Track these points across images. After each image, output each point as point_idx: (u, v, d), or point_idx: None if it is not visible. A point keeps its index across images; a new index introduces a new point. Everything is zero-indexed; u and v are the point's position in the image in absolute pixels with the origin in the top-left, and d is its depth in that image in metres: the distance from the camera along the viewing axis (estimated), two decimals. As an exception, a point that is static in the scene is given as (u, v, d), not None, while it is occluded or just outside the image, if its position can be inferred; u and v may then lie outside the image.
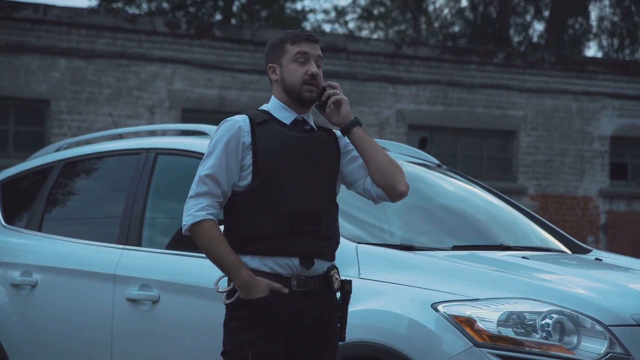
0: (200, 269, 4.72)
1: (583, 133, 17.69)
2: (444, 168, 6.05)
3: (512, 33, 29.66)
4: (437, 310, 4.11)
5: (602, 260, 5.17)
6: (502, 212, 5.73)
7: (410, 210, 5.26)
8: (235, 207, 3.72)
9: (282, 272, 3.69)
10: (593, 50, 38.27)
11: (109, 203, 5.62)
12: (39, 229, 5.79)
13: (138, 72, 14.83)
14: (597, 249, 5.75)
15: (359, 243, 4.58)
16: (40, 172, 6.05)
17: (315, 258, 3.73)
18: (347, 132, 3.84)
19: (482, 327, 4.01)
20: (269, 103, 3.88)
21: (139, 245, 5.20)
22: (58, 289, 5.42)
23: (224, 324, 3.74)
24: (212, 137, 3.80)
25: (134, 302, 5.00)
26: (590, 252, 5.52)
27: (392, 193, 3.85)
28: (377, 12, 32.73)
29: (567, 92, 17.61)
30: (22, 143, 14.21)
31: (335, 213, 3.84)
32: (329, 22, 32.44)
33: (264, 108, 3.86)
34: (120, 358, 5.07)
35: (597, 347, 3.99)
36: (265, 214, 3.67)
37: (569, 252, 5.46)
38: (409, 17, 30.74)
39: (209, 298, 4.54)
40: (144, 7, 26.10)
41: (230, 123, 3.77)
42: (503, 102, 17.23)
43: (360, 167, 3.88)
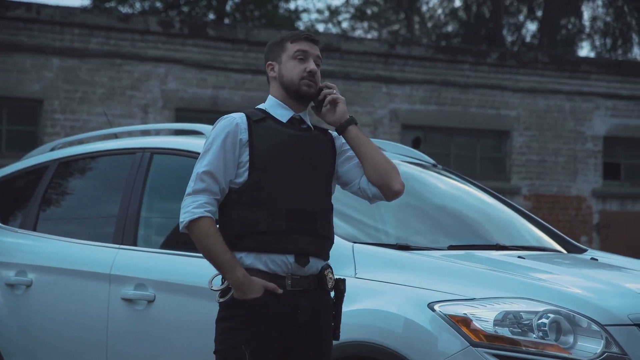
0: (196, 269, 4.72)
1: (576, 133, 17.71)
2: (440, 168, 6.05)
3: (505, 33, 29.69)
4: (433, 310, 4.11)
5: (597, 260, 5.17)
6: (497, 211, 5.73)
7: (406, 210, 5.26)
8: (231, 203, 3.71)
9: (277, 270, 3.69)
10: (586, 50, 38.31)
11: (105, 203, 5.61)
12: (34, 229, 5.77)
13: (131, 71, 14.81)
14: (591, 249, 5.76)
15: (355, 243, 4.58)
16: (35, 171, 6.04)
17: (311, 256, 3.74)
18: (342, 130, 3.84)
19: (478, 326, 4.01)
20: (266, 102, 3.88)
21: (135, 245, 5.19)
22: (53, 289, 5.41)
23: (216, 322, 3.73)
24: (208, 135, 3.80)
25: (130, 301, 5.00)
26: (586, 251, 5.53)
27: (387, 192, 3.85)
28: (370, 12, 32.73)
29: (560, 92, 17.63)
30: (15, 142, 14.18)
31: (331, 212, 3.85)
32: (323, 21, 32.43)
33: (261, 107, 3.87)
34: (116, 358, 5.06)
35: (593, 346, 3.99)
36: (261, 211, 3.67)
37: (565, 251, 5.47)
38: (402, 17, 30.74)
39: (205, 298, 4.53)
40: (137, 6, 26.06)
41: (228, 120, 3.77)
42: (496, 102, 17.24)
43: (356, 166, 3.88)
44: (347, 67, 16.13)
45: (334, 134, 3.93)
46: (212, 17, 25.84)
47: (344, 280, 3.84)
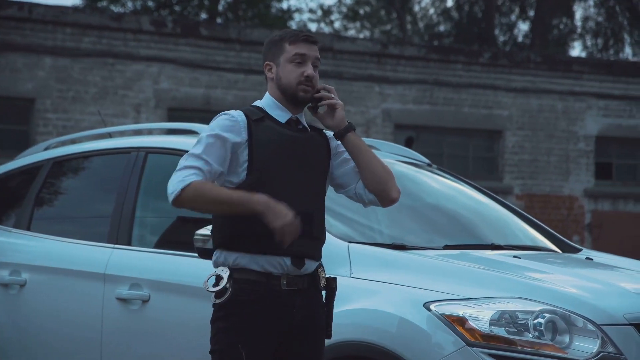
0: (191, 268, 4.72)
1: (568, 133, 17.73)
2: (435, 167, 6.05)
3: (497, 33, 29.72)
4: (429, 310, 4.11)
5: (592, 260, 5.18)
6: (493, 211, 5.73)
7: (401, 210, 5.24)
8: None
9: (272, 270, 3.68)
10: (577, 50, 38.36)
11: (99, 202, 5.59)
12: (28, 228, 5.75)
13: (124, 70, 14.78)
14: (585, 249, 5.76)
15: (351, 242, 4.58)
16: (29, 171, 6.02)
17: (306, 258, 3.72)
18: (341, 137, 3.82)
19: (474, 326, 4.01)
20: (263, 99, 3.84)
21: (129, 245, 5.18)
22: (47, 289, 5.39)
23: (212, 322, 3.71)
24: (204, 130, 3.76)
25: (124, 301, 4.99)
26: (580, 251, 5.53)
27: (384, 199, 3.85)
28: (362, 11, 32.72)
29: (552, 91, 17.65)
30: (7, 142, 14.13)
31: (324, 213, 3.84)
32: (315, 21, 32.43)
33: (258, 104, 3.83)
34: (110, 357, 5.05)
35: (589, 346, 4.00)
36: None
37: (559, 251, 5.47)
38: (395, 16, 30.75)
39: (200, 297, 4.52)
40: (129, 5, 26.02)
41: (227, 116, 3.73)
42: (489, 101, 17.25)
43: (352, 170, 3.86)
44: (339, 66, 16.12)
45: (329, 134, 3.92)
46: (204, 16, 25.81)
47: (335, 279, 3.83)
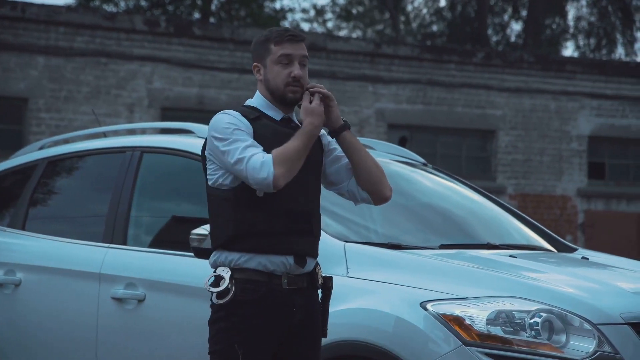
0: (186, 268, 4.72)
1: (561, 132, 17.76)
2: (430, 167, 6.05)
3: (490, 33, 29.74)
4: (426, 309, 4.11)
5: (588, 259, 5.18)
6: (488, 211, 5.72)
7: (397, 209, 5.24)
8: (226, 202, 3.66)
9: (275, 270, 3.67)
10: (570, 50, 38.44)
11: (94, 202, 5.58)
12: (23, 228, 5.74)
13: (117, 70, 14.77)
14: (580, 248, 5.76)
15: (347, 242, 4.57)
16: (24, 170, 6.00)
17: (307, 256, 3.73)
18: (336, 135, 3.82)
19: (471, 325, 4.01)
20: (255, 99, 3.82)
21: (124, 244, 5.17)
22: (42, 288, 5.37)
23: (211, 323, 3.70)
24: (209, 134, 3.70)
25: (120, 301, 4.98)
26: (576, 250, 5.53)
27: (377, 198, 3.85)
28: (355, 11, 32.72)
29: (545, 91, 17.67)
30: (0, 142, 14.10)
31: (319, 211, 3.84)
32: (308, 21, 32.42)
33: (250, 104, 3.81)
34: (106, 357, 5.04)
35: (585, 345, 4.00)
36: (260, 211, 3.63)
37: (555, 250, 5.47)
38: (388, 16, 30.75)
39: (195, 297, 4.53)
40: (122, 5, 25.97)
41: (228, 114, 3.70)
42: (482, 101, 17.27)
43: (345, 168, 3.86)
44: (333, 66, 16.12)
45: (321, 132, 3.90)
46: (197, 16, 25.79)
47: (331, 278, 3.84)
